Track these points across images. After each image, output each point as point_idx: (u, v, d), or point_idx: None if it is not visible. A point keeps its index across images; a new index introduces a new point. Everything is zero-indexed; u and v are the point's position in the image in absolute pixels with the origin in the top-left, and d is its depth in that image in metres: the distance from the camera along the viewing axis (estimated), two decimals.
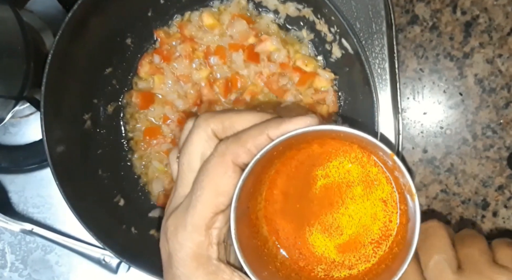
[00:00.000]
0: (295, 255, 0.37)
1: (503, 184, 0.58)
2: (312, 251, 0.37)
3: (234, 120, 0.34)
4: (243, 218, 0.34)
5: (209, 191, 0.32)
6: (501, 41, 0.56)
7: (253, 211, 0.36)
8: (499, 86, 0.57)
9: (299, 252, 0.37)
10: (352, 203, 0.36)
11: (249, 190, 0.34)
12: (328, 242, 0.37)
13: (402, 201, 0.35)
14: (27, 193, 0.62)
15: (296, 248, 0.37)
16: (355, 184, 0.36)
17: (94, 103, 0.55)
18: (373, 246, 0.36)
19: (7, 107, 0.49)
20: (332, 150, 0.36)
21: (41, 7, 0.57)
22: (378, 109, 0.48)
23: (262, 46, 0.54)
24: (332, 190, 0.36)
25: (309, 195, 0.36)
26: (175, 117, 0.54)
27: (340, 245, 0.36)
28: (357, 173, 0.36)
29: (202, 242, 0.32)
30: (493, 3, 0.56)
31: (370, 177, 0.36)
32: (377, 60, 0.53)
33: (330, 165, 0.36)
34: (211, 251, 0.32)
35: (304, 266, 0.37)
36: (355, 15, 0.53)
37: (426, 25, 0.57)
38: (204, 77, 0.54)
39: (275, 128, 0.32)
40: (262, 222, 0.37)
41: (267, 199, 0.37)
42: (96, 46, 0.53)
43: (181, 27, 0.55)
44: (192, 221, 0.32)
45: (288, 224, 0.37)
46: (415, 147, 0.59)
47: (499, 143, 0.58)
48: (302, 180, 0.36)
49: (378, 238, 0.36)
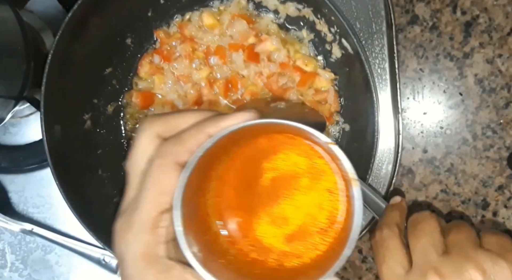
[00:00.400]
0: (247, 248, 0.38)
1: (503, 184, 0.58)
2: (262, 243, 0.38)
3: (177, 121, 0.35)
4: (192, 215, 0.34)
5: (152, 191, 0.33)
6: (501, 41, 0.56)
7: (203, 207, 0.36)
8: (499, 86, 0.57)
9: (250, 244, 0.38)
10: (299, 194, 0.37)
11: (196, 187, 0.34)
12: (277, 233, 0.37)
13: (347, 189, 0.36)
14: (27, 193, 0.62)
15: (247, 240, 0.38)
16: (302, 176, 0.37)
17: (94, 103, 0.55)
18: (321, 235, 0.37)
19: (7, 107, 0.49)
20: (279, 143, 0.37)
21: (41, 7, 0.57)
22: (378, 109, 0.48)
23: (262, 46, 0.54)
24: (280, 182, 0.37)
25: (257, 188, 0.37)
26: None
27: (289, 235, 0.37)
28: (304, 164, 0.37)
29: (150, 241, 0.33)
30: (493, 3, 0.56)
31: (316, 168, 0.37)
32: (377, 60, 0.53)
33: (277, 158, 0.37)
34: (160, 249, 0.33)
35: (256, 257, 0.37)
36: (355, 15, 0.53)
37: (426, 25, 0.57)
38: (204, 77, 0.54)
39: (214, 126, 0.33)
40: (213, 218, 0.37)
41: (217, 195, 0.37)
42: (96, 46, 0.53)
43: (181, 27, 0.55)
44: (137, 222, 0.33)
45: (238, 218, 0.37)
46: (415, 146, 0.59)
47: (499, 142, 0.58)
48: (251, 173, 0.37)
49: (326, 226, 0.37)
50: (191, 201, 0.34)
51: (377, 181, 0.55)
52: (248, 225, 0.37)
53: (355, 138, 0.54)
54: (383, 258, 0.39)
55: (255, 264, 0.37)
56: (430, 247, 0.37)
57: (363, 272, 0.62)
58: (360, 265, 0.62)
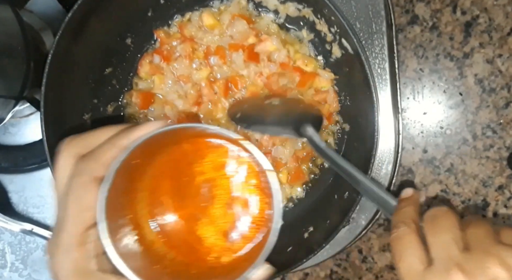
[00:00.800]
0: (185, 250, 0.39)
1: (503, 184, 0.58)
2: (202, 243, 0.40)
3: (92, 138, 0.37)
4: (122, 227, 0.36)
5: (74, 209, 0.34)
6: (501, 41, 0.57)
7: (134, 218, 0.38)
8: (499, 86, 0.57)
9: (190, 246, 0.39)
10: (229, 192, 0.40)
11: (123, 199, 0.36)
12: (217, 231, 0.39)
13: (267, 181, 0.38)
14: (27, 193, 0.62)
15: (186, 243, 0.39)
16: (229, 176, 0.40)
17: (94, 103, 0.55)
18: (254, 228, 0.39)
19: (7, 107, 0.49)
20: (204, 147, 0.40)
21: (41, 7, 0.57)
22: (378, 109, 0.48)
23: (262, 46, 0.54)
24: (211, 183, 0.40)
25: (191, 192, 0.39)
26: (175, 118, 0.54)
27: (227, 231, 0.39)
28: (229, 165, 0.40)
29: (79, 258, 0.34)
30: (493, 3, 0.56)
31: (239, 166, 0.40)
32: (377, 60, 0.53)
33: (204, 162, 0.40)
34: (91, 264, 0.34)
35: (196, 258, 0.39)
36: (355, 15, 0.53)
37: (426, 25, 0.57)
38: (204, 77, 0.54)
39: (126, 138, 0.35)
40: (147, 227, 0.38)
41: (150, 204, 0.39)
42: (96, 46, 0.53)
43: (181, 27, 0.55)
44: (63, 241, 0.34)
45: (176, 223, 0.39)
46: (415, 146, 0.59)
47: (499, 142, 0.58)
48: (183, 179, 0.39)
49: (257, 220, 0.40)
50: (119, 213, 0.35)
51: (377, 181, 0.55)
52: (188, 228, 0.39)
53: (355, 138, 0.54)
54: (401, 254, 0.38)
55: (192, 263, 0.39)
56: (452, 243, 0.36)
57: (363, 272, 0.62)
58: (360, 265, 0.62)
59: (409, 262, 0.37)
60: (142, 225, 0.38)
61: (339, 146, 0.56)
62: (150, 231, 0.38)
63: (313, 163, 0.57)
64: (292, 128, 0.50)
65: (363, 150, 0.50)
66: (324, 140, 0.56)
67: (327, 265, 0.63)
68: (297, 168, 0.56)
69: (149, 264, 0.36)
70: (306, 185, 0.57)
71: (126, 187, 0.36)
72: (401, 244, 0.38)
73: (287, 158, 0.55)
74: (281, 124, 0.51)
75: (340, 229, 0.49)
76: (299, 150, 0.55)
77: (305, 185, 0.57)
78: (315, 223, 0.54)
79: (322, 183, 0.56)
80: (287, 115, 0.51)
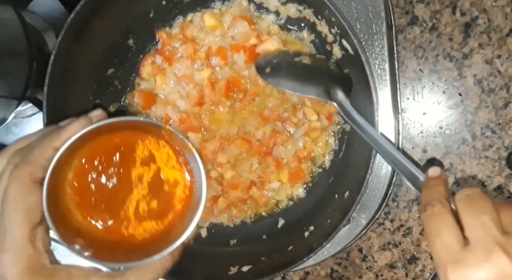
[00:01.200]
0: (123, 231, 0.43)
1: (502, 184, 0.59)
2: (139, 226, 0.43)
3: (25, 142, 0.40)
4: (64, 219, 0.40)
5: (19, 213, 0.36)
6: (500, 42, 0.57)
7: (70, 211, 0.41)
8: (498, 87, 0.58)
9: (125, 229, 0.43)
10: (158, 177, 0.44)
11: (63, 196, 0.40)
12: (150, 214, 0.43)
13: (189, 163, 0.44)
14: None
15: (123, 227, 0.43)
16: (157, 161, 0.44)
17: (96, 103, 0.55)
18: (183, 205, 0.44)
19: (10, 108, 0.49)
20: (132, 139, 0.43)
21: (43, 8, 0.58)
22: (378, 110, 0.49)
23: (263, 47, 0.54)
24: (141, 171, 0.43)
25: (125, 181, 0.42)
26: (177, 118, 0.55)
27: (159, 214, 0.44)
28: (156, 152, 0.44)
29: (32, 255, 0.36)
30: (492, 4, 0.57)
31: (167, 152, 0.44)
32: (377, 60, 0.54)
33: (135, 152, 0.43)
34: (43, 258, 0.37)
35: (129, 239, 0.43)
36: (355, 16, 0.53)
37: (425, 26, 0.58)
38: (205, 78, 0.54)
39: (57, 139, 0.38)
40: (84, 217, 0.42)
41: (80, 197, 0.42)
42: (98, 47, 0.53)
43: (182, 28, 0.55)
44: (11, 243, 0.36)
45: (112, 213, 0.42)
46: (414, 146, 0.59)
47: (498, 142, 0.58)
48: (117, 171, 0.42)
49: (184, 198, 0.44)
50: (59, 210, 0.39)
51: (377, 181, 0.55)
52: (123, 215, 0.42)
53: (355, 138, 0.54)
54: (437, 232, 0.38)
55: (126, 242, 0.43)
56: (491, 224, 0.36)
57: (363, 271, 0.63)
58: (360, 264, 0.63)
59: (446, 239, 0.37)
60: (80, 218, 0.42)
61: (340, 146, 0.56)
62: (88, 221, 0.42)
63: (313, 162, 0.57)
64: (322, 90, 0.50)
65: (363, 150, 0.50)
66: (324, 140, 0.57)
67: (328, 264, 0.64)
68: (297, 168, 0.56)
69: (92, 247, 0.40)
70: (306, 185, 0.57)
71: (63, 183, 0.40)
72: (436, 221, 0.38)
73: (288, 157, 0.55)
74: (311, 84, 0.51)
75: (340, 228, 0.50)
76: (300, 150, 0.56)
77: (306, 185, 0.57)
78: (315, 222, 0.54)
79: (323, 183, 0.57)
80: (317, 76, 0.52)
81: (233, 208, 0.57)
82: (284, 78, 0.51)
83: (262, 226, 0.58)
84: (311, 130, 0.55)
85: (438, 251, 0.37)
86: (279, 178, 0.56)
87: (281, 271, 0.51)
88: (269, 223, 0.58)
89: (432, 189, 0.41)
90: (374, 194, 0.55)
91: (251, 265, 0.53)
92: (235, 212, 0.57)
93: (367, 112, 0.49)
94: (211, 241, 0.57)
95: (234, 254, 0.57)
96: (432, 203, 0.39)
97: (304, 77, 0.51)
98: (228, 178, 0.55)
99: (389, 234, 0.62)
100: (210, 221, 0.58)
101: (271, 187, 0.56)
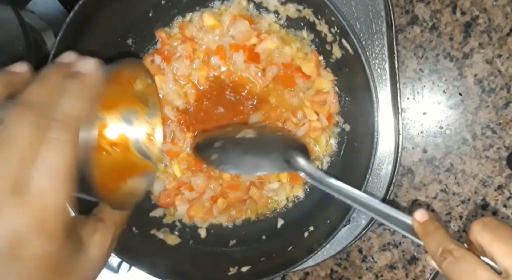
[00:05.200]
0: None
1: (503, 184, 0.58)
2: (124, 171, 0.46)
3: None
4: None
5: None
6: (500, 42, 0.57)
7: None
8: (499, 87, 0.57)
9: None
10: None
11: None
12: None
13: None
14: None
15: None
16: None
17: None
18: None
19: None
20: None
21: (42, 8, 0.58)
22: (378, 109, 0.48)
23: (263, 46, 0.54)
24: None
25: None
26: (176, 118, 0.55)
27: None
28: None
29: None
30: (493, 4, 0.56)
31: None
32: (377, 60, 0.54)
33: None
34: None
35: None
36: (355, 16, 0.53)
37: (426, 26, 0.58)
38: (204, 77, 0.54)
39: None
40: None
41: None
42: (97, 46, 0.53)
43: (182, 27, 0.55)
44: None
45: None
46: (415, 146, 0.59)
47: (498, 142, 0.58)
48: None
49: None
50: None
51: (377, 181, 0.55)
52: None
53: (355, 138, 0.54)
54: (472, 274, 0.35)
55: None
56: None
57: (363, 272, 0.63)
58: (360, 264, 0.63)
59: (485, 277, 0.35)
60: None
61: (339, 146, 0.56)
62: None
63: (313, 162, 0.57)
64: (282, 161, 0.46)
65: (363, 150, 0.50)
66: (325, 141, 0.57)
67: (328, 264, 0.63)
68: None
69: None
70: (306, 185, 0.57)
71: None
72: (466, 264, 0.36)
73: None
74: (267, 159, 0.47)
75: (340, 229, 0.49)
76: None
77: (306, 185, 0.57)
78: (315, 222, 0.54)
79: None
80: (270, 149, 0.48)
81: (232, 209, 0.57)
82: (235, 161, 0.47)
83: (261, 227, 0.57)
84: (311, 130, 0.55)
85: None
86: (279, 178, 0.56)
87: (281, 271, 0.51)
88: (269, 223, 0.57)
89: (433, 235, 0.40)
90: (374, 194, 0.55)
91: (251, 265, 0.53)
92: (234, 212, 0.57)
93: (367, 113, 0.49)
94: (210, 242, 0.57)
95: (234, 254, 0.57)
96: (449, 248, 0.38)
97: (256, 154, 0.47)
98: (228, 178, 0.55)
99: (389, 235, 0.61)
100: (209, 221, 0.58)
101: (271, 188, 0.56)
